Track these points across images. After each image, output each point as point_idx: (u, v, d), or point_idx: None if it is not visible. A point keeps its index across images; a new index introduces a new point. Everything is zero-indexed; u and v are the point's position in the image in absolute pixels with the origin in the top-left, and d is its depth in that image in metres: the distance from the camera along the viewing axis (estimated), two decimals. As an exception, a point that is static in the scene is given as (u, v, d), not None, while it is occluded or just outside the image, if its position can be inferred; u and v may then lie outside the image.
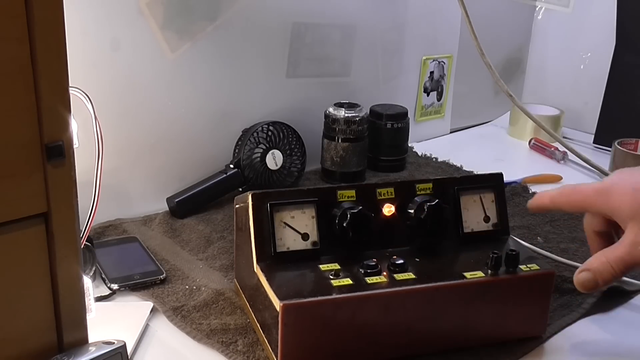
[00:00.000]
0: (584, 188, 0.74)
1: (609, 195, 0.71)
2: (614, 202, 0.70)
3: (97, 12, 0.96)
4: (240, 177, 1.10)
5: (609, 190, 0.71)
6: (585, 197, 0.73)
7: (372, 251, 0.76)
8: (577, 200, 0.74)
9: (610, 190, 0.71)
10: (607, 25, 1.45)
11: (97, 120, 0.73)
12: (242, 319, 0.80)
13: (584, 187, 0.74)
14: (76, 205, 0.61)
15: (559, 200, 0.76)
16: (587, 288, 0.71)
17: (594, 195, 0.72)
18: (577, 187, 0.75)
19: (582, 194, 0.74)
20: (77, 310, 0.64)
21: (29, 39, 0.54)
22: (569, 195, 0.75)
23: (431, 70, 1.45)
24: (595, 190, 0.72)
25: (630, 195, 0.69)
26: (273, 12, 1.15)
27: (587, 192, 0.73)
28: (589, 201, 0.73)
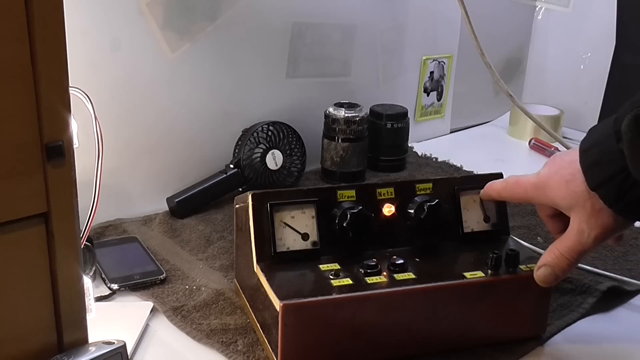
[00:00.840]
0: (523, 182, 0.75)
1: (545, 189, 0.72)
2: (551, 196, 0.72)
3: (97, 12, 0.96)
4: (240, 177, 1.10)
5: (545, 184, 0.72)
6: (525, 192, 0.75)
7: (372, 251, 0.76)
8: (519, 194, 0.76)
9: (546, 184, 0.72)
10: (607, 25, 1.45)
11: (97, 120, 0.73)
12: (242, 319, 0.80)
13: (523, 181, 0.75)
14: (76, 205, 0.61)
15: (505, 194, 0.78)
16: (549, 282, 0.72)
17: (532, 190, 0.74)
18: (519, 181, 0.76)
19: (522, 188, 0.75)
20: (77, 310, 0.64)
21: (29, 39, 0.54)
22: (512, 189, 0.77)
23: (431, 70, 1.45)
24: (532, 185, 0.74)
25: (564, 188, 0.70)
26: (273, 12, 1.15)
27: (526, 187, 0.75)
28: (529, 195, 0.75)
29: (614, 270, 0.92)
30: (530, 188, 0.74)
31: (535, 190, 0.73)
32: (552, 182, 0.72)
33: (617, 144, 0.65)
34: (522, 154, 1.44)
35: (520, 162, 1.41)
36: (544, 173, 0.73)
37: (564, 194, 0.70)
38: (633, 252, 0.99)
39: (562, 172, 0.71)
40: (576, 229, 0.70)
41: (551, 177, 0.72)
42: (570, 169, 0.70)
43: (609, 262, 0.95)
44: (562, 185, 0.70)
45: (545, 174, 0.73)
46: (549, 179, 0.72)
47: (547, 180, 0.72)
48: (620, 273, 0.91)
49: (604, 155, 0.66)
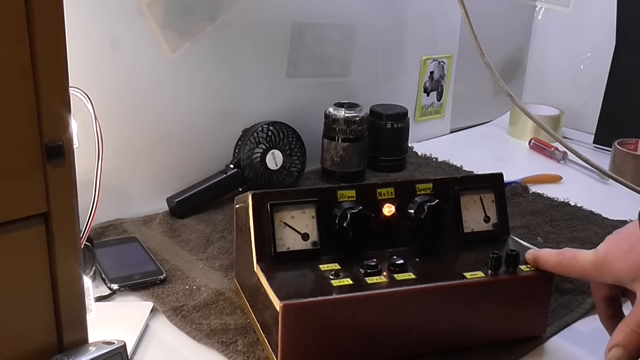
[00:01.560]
0: (582, 259, 0.72)
1: (606, 266, 0.70)
2: (613, 271, 0.69)
3: (97, 12, 0.96)
4: (240, 177, 1.10)
5: (605, 260, 0.70)
6: (585, 271, 0.72)
7: (372, 251, 0.76)
8: (577, 272, 0.74)
9: (606, 259, 0.70)
10: (607, 25, 1.45)
11: (97, 120, 0.73)
12: (242, 319, 0.80)
13: (582, 258, 0.72)
14: (76, 205, 0.61)
15: (560, 270, 0.75)
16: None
17: (592, 269, 0.71)
18: (577, 257, 0.73)
19: (581, 266, 0.72)
20: (77, 310, 0.64)
21: (29, 39, 0.54)
22: (569, 266, 0.74)
23: (431, 70, 1.45)
24: (592, 263, 0.71)
25: (624, 259, 0.68)
26: (273, 12, 1.15)
27: (585, 265, 0.72)
28: (590, 274, 0.72)
29: (614, 270, 0.92)
30: (589, 266, 0.71)
31: (596, 268, 0.71)
32: (611, 255, 0.69)
33: None
34: (522, 154, 1.44)
35: (520, 162, 1.41)
36: (602, 249, 0.71)
37: (625, 266, 0.68)
38: (633, 252, 0.99)
39: (620, 245, 0.69)
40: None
41: (610, 250, 0.70)
42: (629, 240, 0.68)
43: (609, 262, 0.95)
44: (622, 257, 0.68)
45: (604, 249, 0.71)
46: (607, 253, 0.70)
47: (606, 256, 0.70)
48: (620, 273, 0.91)
49: None
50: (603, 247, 0.71)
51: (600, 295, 0.75)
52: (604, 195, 1.23)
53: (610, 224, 1.08)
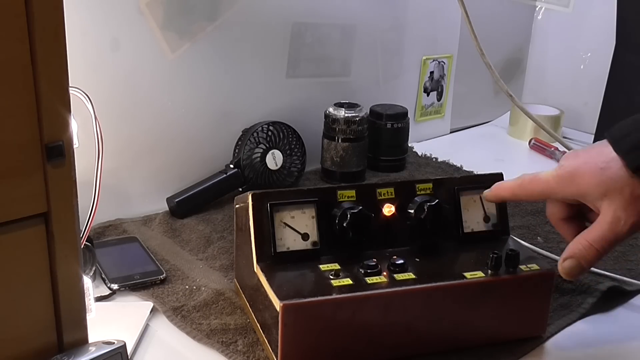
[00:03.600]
0: (543, 176, 0.72)
1: (574, 179, 0.69)
2: (581, 186, 0.69)
3: (97, 12, 0.96)
4: (240, 177, 1.10)
5: (573, 175, 0.69)
6: (547, 186, 0.72)
7: (372, 251, 0.76)
8: (538, 190, 0.73)
9: (575, 174, 0.69)
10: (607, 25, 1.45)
11: (97, 120, 0.73)
12: (242, 319, 0.80)
13: (543, 176, 0.72)
14: (76, 205, 0.61)
15: (520, 192, 0.75)
16: (574, 275, 0.70)
17: (556, 183, 0.71)
18: (537, 176, 0.72)
19: (543, 182, 0.72)
20: (77, 310, 0.64)
21: (29, 39, 0.54)
22: (529, 185, 0.73)
23: (431, 70, 1.45)
24: (556, 177, 0.71)
25: (598, 176, 0.68)
26: (273, 12, 1.15)
27: (548, 180, 0.71)
28: (551, 189, 0.72)
29: (614, 270, 0.92)
30: (552, 181, 0.71)
31: (560, 183, 0.70)
32: (581, 171, 0.68)
33: None
34: (522, 154, 1.44)
35: (520, 162, 1.41)
36: (568, 164, 0.70)
37: (597, 181, 0.67)
38: (633, 252, 0.99)
39: (593, 161, 0.68)
40: (611, 216, 0.67)
41: (579, 167, 0.69)
42: (602, 157, 0.67)
43: (609, 262, 0.95)
44: (596, 173, 0.67)
45: (570, 164, 0.70)
46: (577, 169, 0.69)
47: (575, 171, 0.69)
48: (620, 273, 0.91)
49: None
50: (569, 163, 0.70)
51: (558, 217, 0.75)
52: (604, 195, 1.23)
53: (610, 224, 1.08)
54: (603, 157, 0.68)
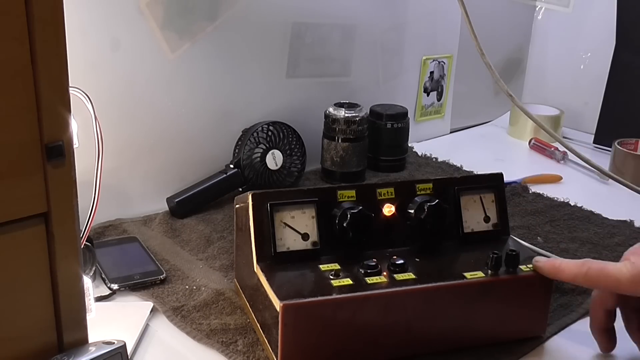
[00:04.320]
0: (614, 272, 0.67)
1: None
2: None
3: (97, 12, 0.96)
4: (240, 177, 1.10)
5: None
6: (618, 284, 0.67)
7: (372, 251, 0.76)
8: (606, 286, 0.69)
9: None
10: (607, 25, 1.45)
11: (97, 120, 0.73)
12: (242, 319, 0.80)
13: (614, 272, 0.67)
14: (76, 205, 0.61)
15: (582, 282, 0.71)
16: None
17: (629, 283, 0.66)
18: (606, 270, 0.68)
19: (613, 280, 0.67)
20: (77, 310, 0.64)
21: (29, 39, 0.54)
22: (597, 278, 0.69)
23: (431, 70, 1.45)
24: (630, 278, 0.66)
25: None
26: (273, 12, 1.15)
27: (620, 279, 0.67)
28: (624, 289, 0.68)
29: (614, 270, 0.92)
30: (625, 280, 0.66)
31: (633, 283, 0.66)
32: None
33: None
34: (522, 154, 1.44)
35: (520, 162, 1.41)
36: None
37: None
38: (633, 252, 0.99)
39: None
40: None
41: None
42: None
43: (609, 262, 0.95)
44: None
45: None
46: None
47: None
48: (620, 273, 0.91)
49: None
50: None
51: (605, 307, 0.73)
52: (604, 195, 1.23)
53: (610, 223, 1.08)
54: None
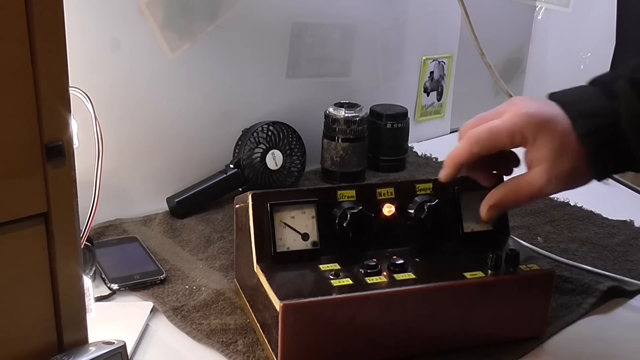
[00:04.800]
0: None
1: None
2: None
3: (97, 12, 0.96)
4: (240, 177, 1.10)
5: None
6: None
7: (372, 251, 0.76)
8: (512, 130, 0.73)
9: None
10: (607, 25, 1.45)
11: (97, 120, 0.73)
12: (242, 319, 0.80)
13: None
14: (76, 205, 0.61)
15: (487, 143, 0.74)
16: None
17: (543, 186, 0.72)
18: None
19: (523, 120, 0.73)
20: (77, 310, 0.64)
21: (29, 39, 0.54)
22: (497, 134, 0.73)
23: (431, 70, 1.45)
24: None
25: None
26: (273, 12, 1.15)
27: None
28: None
29: (614, 270, 0.92)
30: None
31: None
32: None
33: (609, 101, 0.69)
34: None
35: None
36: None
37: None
38: (633, 252, 0.99)
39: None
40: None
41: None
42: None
43: (609, 262, 0.95)
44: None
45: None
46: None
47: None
48: (620, 273, 0.91)
49: (594, 109, 0.70)
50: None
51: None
52: (604, 195, 1.23)
53: (610, 223, 1.08)
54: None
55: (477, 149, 0.73)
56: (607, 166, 0.71)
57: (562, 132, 0.70)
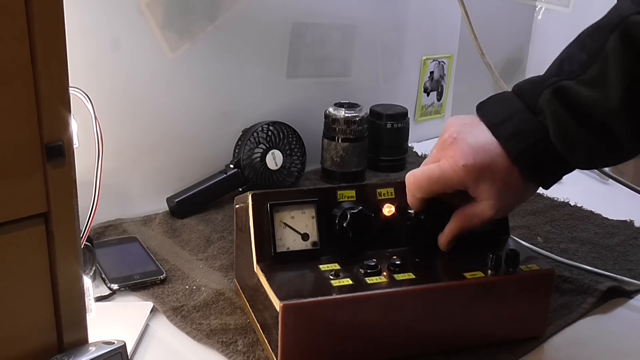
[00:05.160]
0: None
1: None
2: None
3: (97, 12, 0.96)
4: (240, 177, 1.10)
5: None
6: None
7: (372, 251, 0.76)
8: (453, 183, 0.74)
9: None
10: (607, 25, 1.45)
11: (97, 120, 0.73)
12: (242, 319, 0.80)
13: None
14: (76, 205, 0.61)
15: (436, 188, 0.75)
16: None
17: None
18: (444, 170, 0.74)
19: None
20: (77, 310, 0.64)
21: (29, 39, 0.54)
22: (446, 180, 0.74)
23: (431, 70, 1.45)
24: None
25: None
26: (273, 12, 1.15)
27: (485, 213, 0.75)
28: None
29: (614, 270, 0.92)
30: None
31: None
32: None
33: (535, 117, 0.70)
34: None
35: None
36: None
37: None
38: (633, 252, 0.99)
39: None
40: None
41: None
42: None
43: (609, 262, 0.95)
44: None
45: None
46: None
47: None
48: (620, 273, 0.91)
49: (522, 126, 0.71)
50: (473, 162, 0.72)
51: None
52: (604, 195, 1.23)
53: (610, 223, 1.08)
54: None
55: (420, 195, 0.76)
56: (547, 178, 0.73)
57: (503, 173, 0.71)
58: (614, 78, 0.63)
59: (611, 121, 0.65)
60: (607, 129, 0.66)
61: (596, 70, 0.65)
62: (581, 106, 0.66)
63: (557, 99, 0.68)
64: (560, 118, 0.68)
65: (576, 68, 0.68)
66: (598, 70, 0.65)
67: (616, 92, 0.63)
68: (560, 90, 0.68)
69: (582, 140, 0.68)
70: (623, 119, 0.64)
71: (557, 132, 0.68)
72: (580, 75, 0.67)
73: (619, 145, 0.67)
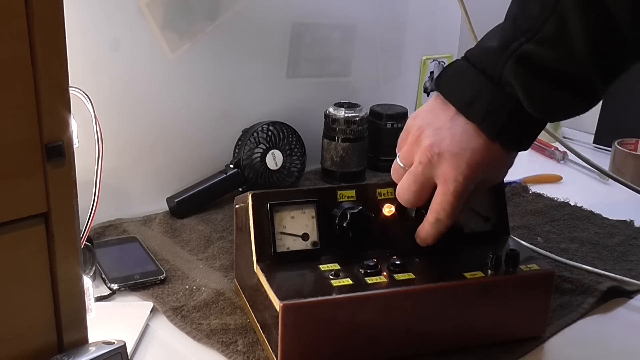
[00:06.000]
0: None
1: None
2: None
3: (97, 12, 0.96)
4: (240, 177, 1.10)
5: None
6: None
7: (372, 251, 0.76)
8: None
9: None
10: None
11: (97, 120, 0.73)
12: (242, 319, 0.80)
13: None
14: (76, 205, 0.61)
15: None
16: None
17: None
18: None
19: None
20: (77, 310, 0.64)
21: (29, 38, 0.54)
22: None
23: (431, 70, 1.45)
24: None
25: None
26: (273, 12, 1.15)
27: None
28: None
29: (614, 270, 0.92)
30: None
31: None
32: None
33: (502, 89, 0.68)
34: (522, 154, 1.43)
35: (521, 162, 1.39)
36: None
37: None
38: (633, 252, 0.99)
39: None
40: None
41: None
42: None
43: (609, 262, 0.95)
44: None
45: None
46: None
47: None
48: (620, 273, 0.91)
49: (493, 103, 0.69)
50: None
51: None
52: (604, 195, 1.23)
53: (610, 223, 1.08)
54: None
55: (409, 206, 0.76)
56: (525, 142, 0.74)
57: (487, 152, 0.71)
58: (575, 34, 0.62)
59: (582, 74, 0.64)
60: (579, 83, 0.65)
61: (554, 26, 0.63)
62: (549, 69, 0.65)
63: (523, 68, 0.66)
64: (531, 86, 0.66)
65: (532, 24, 0.66)
66: (556, 26, 0.63)
67: (581, 45, 0.62)
68: (524, 57, 0.65)
69: (559, 100, 0.67)
70: (593, 69, 0.64)
71: (531, 101, 0.67)
72: (538, 33, 0.65)
73: (593, 92, 0.66)
